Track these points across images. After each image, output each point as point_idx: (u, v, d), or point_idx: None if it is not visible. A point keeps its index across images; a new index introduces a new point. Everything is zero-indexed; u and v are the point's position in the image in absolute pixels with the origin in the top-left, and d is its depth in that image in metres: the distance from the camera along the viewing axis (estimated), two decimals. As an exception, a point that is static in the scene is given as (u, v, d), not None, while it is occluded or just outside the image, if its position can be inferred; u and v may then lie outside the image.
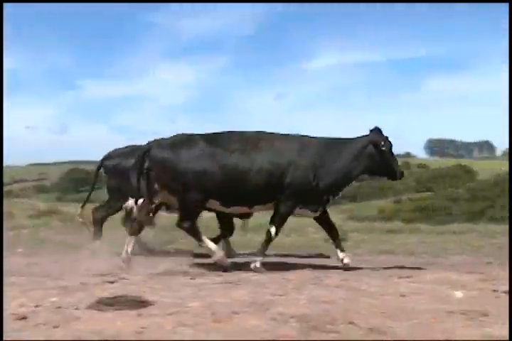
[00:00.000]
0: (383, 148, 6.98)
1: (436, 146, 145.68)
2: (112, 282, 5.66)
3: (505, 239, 12.55)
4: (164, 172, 6.71)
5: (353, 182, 7.66)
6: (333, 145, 7.06)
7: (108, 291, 5.00)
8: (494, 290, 5.36)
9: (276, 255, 8.91)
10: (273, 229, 6.90)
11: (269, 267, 7.01)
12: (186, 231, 6.87)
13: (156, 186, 6.83)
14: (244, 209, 7.11)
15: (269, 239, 6.95)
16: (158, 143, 6.86)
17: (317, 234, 10.77)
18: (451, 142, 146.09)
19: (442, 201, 42.35)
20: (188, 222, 6.78)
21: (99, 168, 9.09)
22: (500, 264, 7.82)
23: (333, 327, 3.82)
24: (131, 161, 8.06)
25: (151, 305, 4.44)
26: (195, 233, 6.87)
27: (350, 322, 3.92)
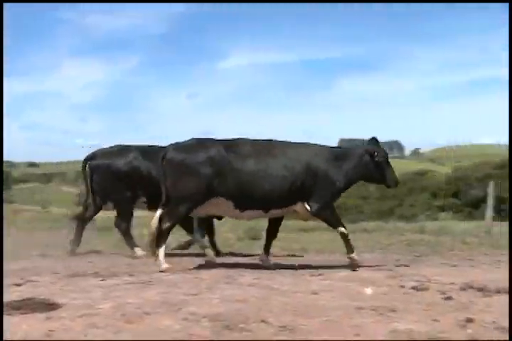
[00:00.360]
0: (377, 158, 7.35)
1: (348, 146, 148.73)
2: (19, 284, 5.49)
3: (414, 237, 12.97)
4: (177, 174, 6.77)
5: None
6: (336, 153, 7.38)
7: (15, 294, 4.85)
8: (402, 286, 5.54)
9: (190, 255, 8.90)
10: (342, 229, 7.16)
11: (182, 267, 6.99)
12: (160, 231, 6.74)
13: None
14: (259, 213, 7.11)
15: (346, 237, 7.18)
16: (174, 146, 6.97)
17: (230, 234, 10.82)
18: (362, 142, 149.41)
19: (354, 200, 43.27)
20: (169, 225, 6.74)
21: (85, 168, 8.95)
22: (408, 261, 8.06)
23: (245, 325, 3.84)
24: (121, 161, 8.69)
25: (60, 307, 4.34)
26: (164, 237, 6.77)
27: (263, 321, 3.95)
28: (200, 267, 6.98)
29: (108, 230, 11.58)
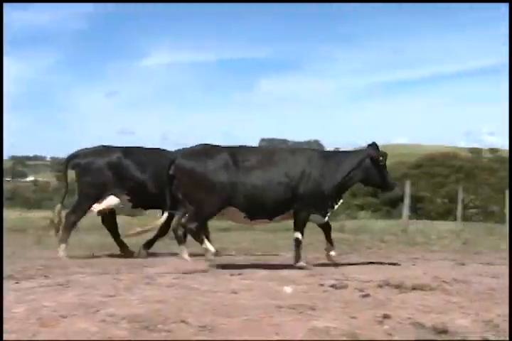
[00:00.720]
0: (381, 163, 7.67)
1: (268, 146, 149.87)
2: None
3: (333, 235, 13.15)
4: (188, 180, 7.10)
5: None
6: (335, 157, 7.73)
7: None
8: (321, 285, 5.63)
9: (108, 256, 8.78)
10: (299, 235, 7.47)
11: (101, 268, 6.89)
12: (190, 232, 7.15)
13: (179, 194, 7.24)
14: (265, 221, 7.56)
15: (298, 244, 7.48)
16: (184, 153, 7.39)
17: (149, 233, 10.73)
18: (283, 141, 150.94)
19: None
20: (195, 224, 7.06)
21: (66, 167, 9.16)
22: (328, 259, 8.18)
23: (164, 326, 3.82)
24: (105, 159, 8.86)
25: (-29, 312, 4.20)
26: (198, 235, 7.15)
27: (182, 321, 3.94)
28: (118, 268, 6.89)
29: (21, 231, 11.34)
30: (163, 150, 9.23)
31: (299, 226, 7.47)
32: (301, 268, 7.12)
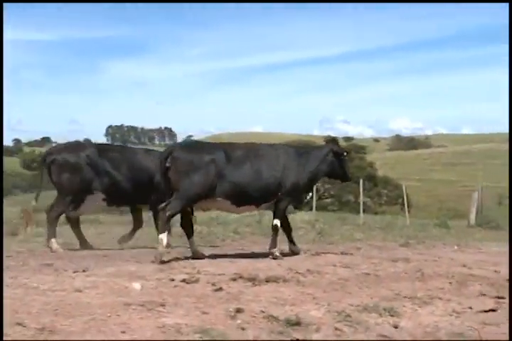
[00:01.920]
0: (345, 158, 8.61)
1: (116, 133, 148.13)
2: None
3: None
4: (183, 172, 7.54)
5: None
6: (305, 152, 8.53)
7: None
8: (172, 280, 5.64)
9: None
10: (278, 222, 8.17)
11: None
12: (162, 218, 7.46)
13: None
14: (253, 208, 8.33)
15: (276, 231, 8.18)
16: (181, 146, 8.03)
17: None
18: (132, 129, 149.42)
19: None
20: (173, 212, 7.46)
21: (44, 163, 9.40)
22: (180, 253, 8.20)
23: (-2, 330, 3.67)
24: (83, 155, 9.18)
25: None
26: (164, 223, 7.46)
27: (19, 324, 3.82)
28: None
29: None
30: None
31: (280, 215, 8.19)
32: (273, 255, 7.86)
